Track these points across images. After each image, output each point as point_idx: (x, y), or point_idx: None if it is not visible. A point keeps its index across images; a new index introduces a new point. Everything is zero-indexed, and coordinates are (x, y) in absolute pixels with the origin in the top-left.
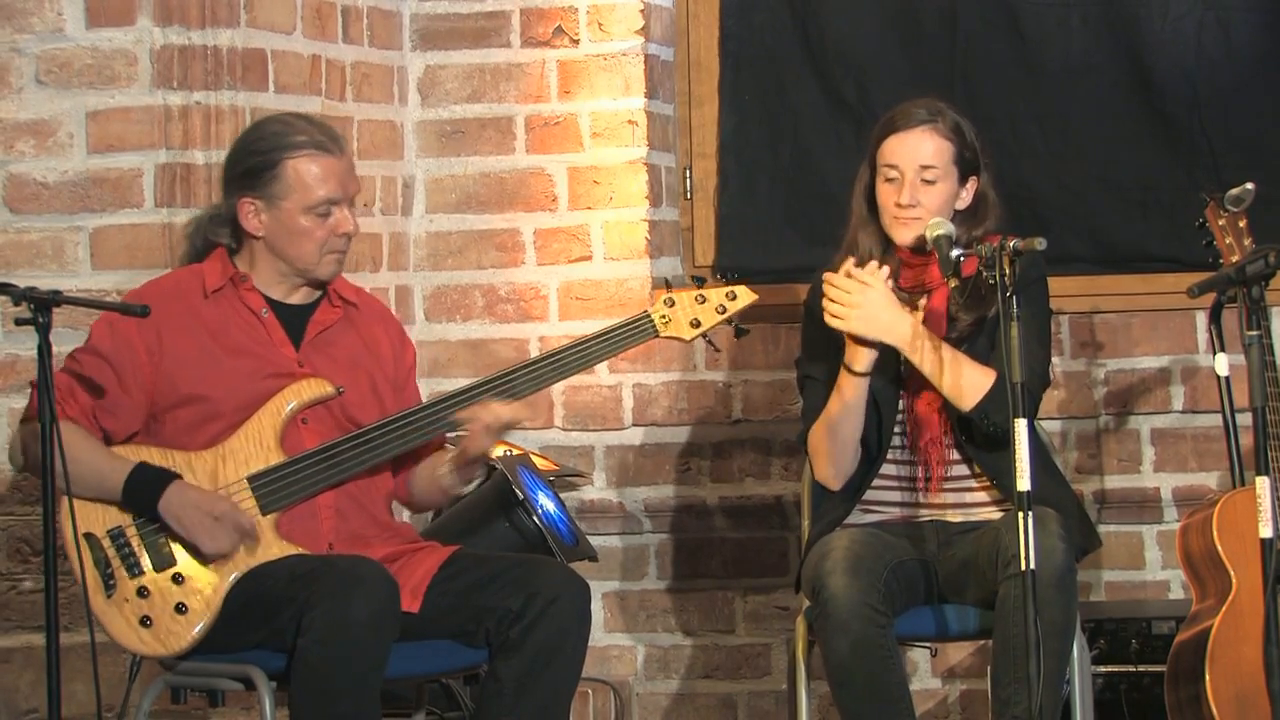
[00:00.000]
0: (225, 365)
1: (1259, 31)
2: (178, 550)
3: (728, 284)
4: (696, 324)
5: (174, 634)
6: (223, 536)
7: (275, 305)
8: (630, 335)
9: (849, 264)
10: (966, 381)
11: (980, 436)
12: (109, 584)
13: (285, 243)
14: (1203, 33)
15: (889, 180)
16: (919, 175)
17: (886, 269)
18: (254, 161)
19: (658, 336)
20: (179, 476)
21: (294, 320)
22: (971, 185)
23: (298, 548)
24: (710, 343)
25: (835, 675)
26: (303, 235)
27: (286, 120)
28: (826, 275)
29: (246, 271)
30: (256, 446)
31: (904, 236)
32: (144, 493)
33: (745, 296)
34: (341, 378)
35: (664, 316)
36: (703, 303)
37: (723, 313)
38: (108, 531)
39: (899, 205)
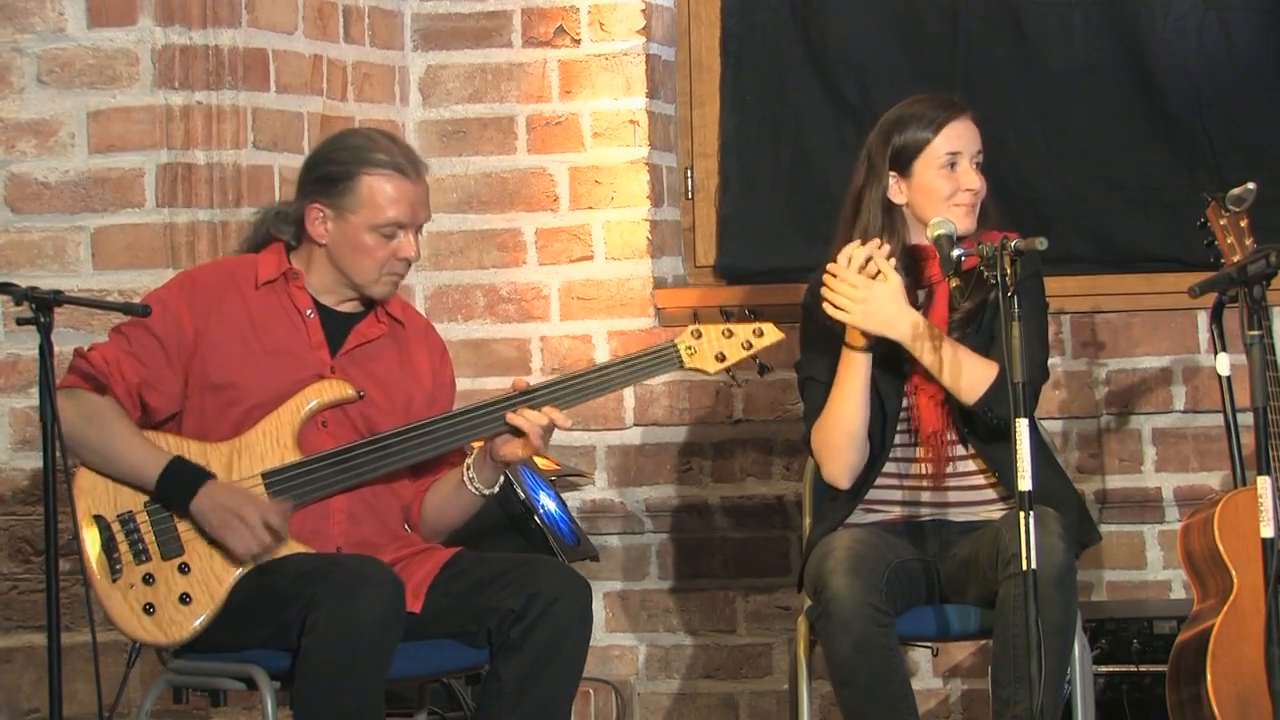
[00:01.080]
0: (260, 360)
1: (1260, 31)
2: (186, 540)
3: (755, 320)
4: (721, 358)
5: (175, 624)
6: (253, 538)
7: (321, 309)
8: (655, 364)
9: (854, 248)
10: (969, 375)
11: (983, 429)
12: (115, 568)
13: (346, 256)
14: (1204, 32)
15: (948, 167)
16: (973, 160)
17: (890, 252)
18: (331, 170)
19: (682, 367)
20: (213, 476)
21: (337, 326)
22: None
23: (305, 547)
24: (733, 377)
25: (837, 675)
26: (364, 252)
27: (372, 136)
28: (830, 266)
29: (300, 269)
30: (273, 443)
31: (969, 224)
32: (178, 490)
33: (772, 334)
34: (373, 390)
35: (690, 348)
36: (729, 337)
37: (748, 349)
38: (118, 515)
39: (973, 190)
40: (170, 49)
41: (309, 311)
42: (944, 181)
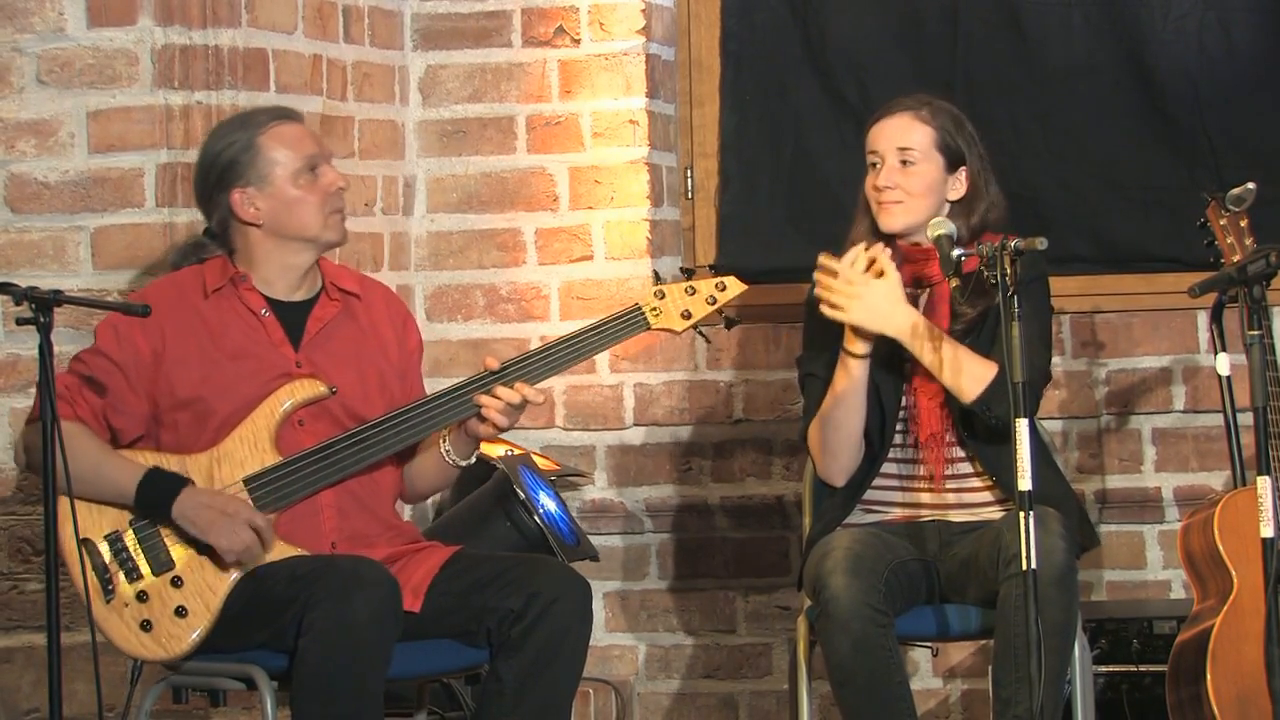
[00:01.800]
0: (225, 368)
1: (1260, 31)
2: (176, 553)
3: (717, 275)
4: (687, 315)
5: (174, 637)
6: (237, 534)
7: (275, 304)
8: (622, 328)
9: (857, 252)
10: (967, 374)
11: (982, 430)
12: (108, 589)
13: (286, 217)
14: (1204, 32)
15: (872, 166)
16: (897, 158)
17: (888, 250)
18: (228, 155)
19: (649, 329)
20: (191, 481)
21: (294, 318)
22: (963, 175)
23: (297, 548)
24: (702, 334)
25: (836, 675)
26: (299, 203)
27: (240, 113)
28: (823, 262)
29: (246, 271)
30: (251, 448)
31: (888, 222)
32: (158, 496)
33: (734, 287)
34: (343, 374)
35: (655, 309)
36: (692, 294)
37: (713, 303)
38: (105, 536)
39: (876, 188)
40: (170, 49)
41: (263, 311)
42: (869, 181)
